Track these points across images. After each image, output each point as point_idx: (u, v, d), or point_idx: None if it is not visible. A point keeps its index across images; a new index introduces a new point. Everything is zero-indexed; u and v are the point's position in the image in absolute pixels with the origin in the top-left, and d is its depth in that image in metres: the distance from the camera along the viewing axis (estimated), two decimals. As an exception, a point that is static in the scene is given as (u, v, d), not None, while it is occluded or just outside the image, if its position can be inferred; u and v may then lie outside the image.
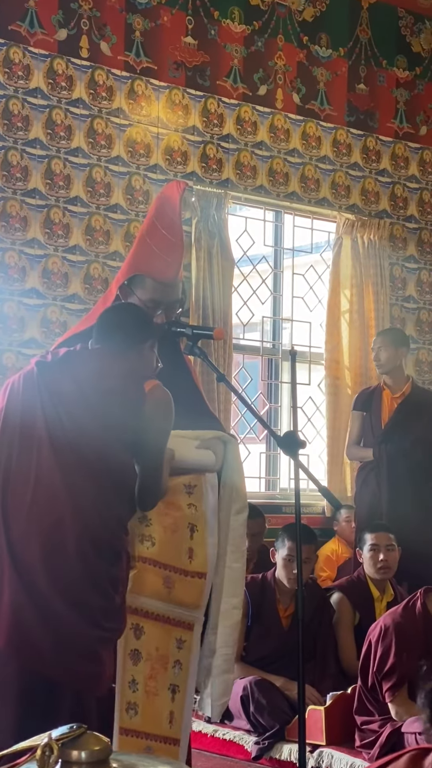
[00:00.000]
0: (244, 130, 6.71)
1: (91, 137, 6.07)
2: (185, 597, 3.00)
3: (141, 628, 2.91)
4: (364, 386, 6.36)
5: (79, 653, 2.63)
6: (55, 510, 2.67)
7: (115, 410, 2.74)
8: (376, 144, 7.34)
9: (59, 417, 2.74)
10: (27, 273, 5.79)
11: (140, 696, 2.87)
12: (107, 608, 2.71)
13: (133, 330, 2.88)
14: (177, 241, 3.07)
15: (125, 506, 2.80)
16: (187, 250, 6.34)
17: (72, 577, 2.65)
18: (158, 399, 2.78)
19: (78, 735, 1.63)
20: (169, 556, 2.98)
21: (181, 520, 3.02)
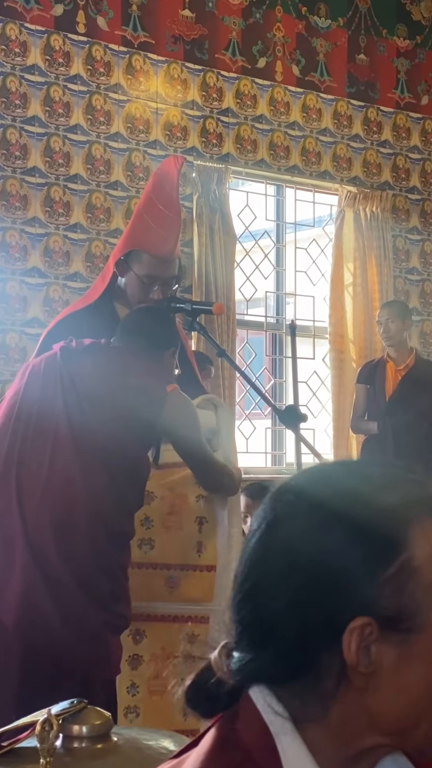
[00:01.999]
0: (244, 104, 6.66)
1: (90, 114, 6.04)
2: (193, 592, 2.98)
3: (141, 632, 2.92)
4: (368, 359, 6.34)
5: (87, 636, 2.64)
6: (69, 492, 2.68)
7: (136, 405, 2.76)
8: (377, 115, 7.28)
9: (80, 403, 2.75)
10: (28, 252, 5.77)
11: (141, 699, 2.88)
12: (117, 592, 2.72)
13: (158, 336, 2.91)
14: (174, 216, 3.05)
15: (136, 495, 2.82)
16: (189, 226, 6.32)
17: (83, 559, 2.65)
18: (178, 402, 2.82)
19: (79, 710, 1.64)
20: (173, 556, 2.98)
21: (188, 515, 3.01)
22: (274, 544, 0.99)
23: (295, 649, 0.97)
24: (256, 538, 1.01)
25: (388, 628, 0.95)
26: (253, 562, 1.00)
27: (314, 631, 0.96)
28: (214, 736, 1.01)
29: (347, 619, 0.95)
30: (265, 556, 1.00)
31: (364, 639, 0.95)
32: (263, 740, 0.97)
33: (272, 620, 0.98)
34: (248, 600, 1.00)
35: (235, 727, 0.99)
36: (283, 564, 0.98)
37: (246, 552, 1.02)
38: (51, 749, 1.42)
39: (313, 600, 0.96)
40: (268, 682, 0.99)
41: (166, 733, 1.82)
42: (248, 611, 1.00)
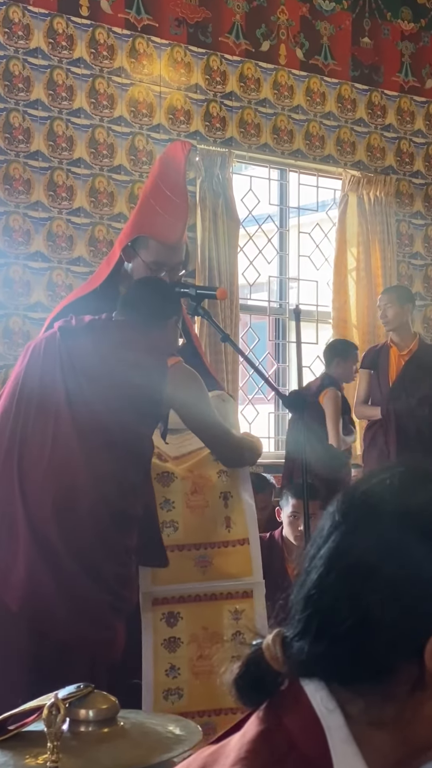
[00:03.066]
0: (248, 88, 6.63)
1: (93, 97, 6.02)
2: (229, 568, 2.97)
3: (176, 615, 2.89)
4: (371, 344, 6.33)
5: (92, 619, 2.64)
6: (71, 473, 2.67)
7: (137, 382, 2.74)
8: (381, 99, 7.25)
9: (79, 383, 2.74)
10: (31, 236, 5.77)
11: (185, 680, 2.86)
12: (121, 575, 2.71)
13: (159, 306, 2.88)
14: (181, 202, 3.04)
15: (140, 475, 2.80)
16: (192, 210, 6.30)
17: (86, 542, 2.65)
18: (181, 373, 2.79)
19: (85, 694, 1.65)
20: (201, 535, 2.96)
21: (212, 493, 3.00)
22: (363, 544, 0.97)
23: (377, 650, 0.95)
24: (340, 535, 0.99)
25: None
26: (334, 560, 0.98)
27: (401, 637, 0.95)
28: (259, 726, 0.99)
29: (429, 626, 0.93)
30: (352, 556, 0.98)
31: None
32: (313, 734, 0.96)
33: (354, 620, 0.96)
34: (325, 596, 0.98)
35: (281, 717, 0.98)
36: (374, 566, 0.96)
37: (326, 548, 0.99)
38: (58, 733, 1.43)
39: (403, 606, 0.94)
40: (335, 678, 0.98)
41: (172, 718, 1.83)
42: (326, 608, 0.98)
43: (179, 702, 2.86)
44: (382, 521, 0.97)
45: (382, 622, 0.95)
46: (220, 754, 1.01)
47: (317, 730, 0.96)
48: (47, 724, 1.43)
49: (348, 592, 0.96)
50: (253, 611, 2.95)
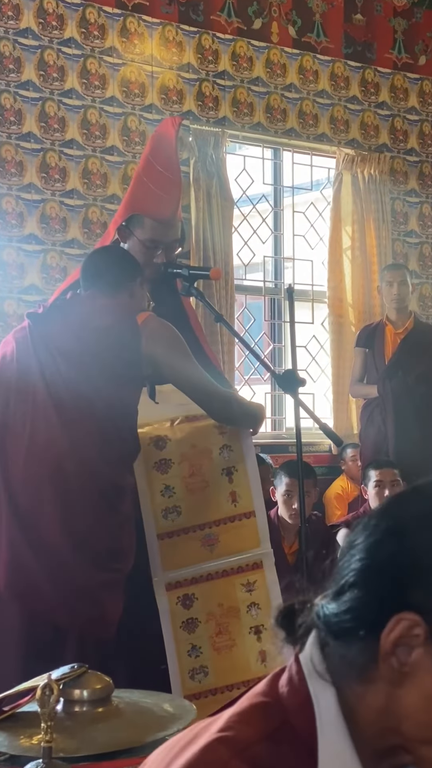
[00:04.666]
0: (240, 66, 6.60)
1: (85, 78, 5.98)
2: (237, 543, 2.97)
3: (191, 596, 2.90)
4: (367, 323, 6.32)
5: (80, 596, 2.64)
6: (54, 451, 2.67)
7: (110, 346, 2.72)
8: (375, 76, 7.22)
9: (54, 360, 2.73)
10: (25, 219, 5.74)
11: (207, 657, 2.88)
12: (114, 549, 2.71)
13: (120, 270, 2.84)
14: (174, 178, 3.03)
15: (128, 444, 2.79)
16: (186, 190, 6.28)
17: (73, 517, 2.65)
18: (154, 327, 2.75)
19: (79, 674, 1.65)
20: (204, 515, 2.96)
21: (212, 471, 2.99)
22: (393, 531, 1.05)
23: (364, 605, 1.01)
24: (377, 519, 1.07)
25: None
26: (366, 546, 1.05)
27: (382, 601, 1.00)
28: (255, 698, 1.03)
29: (405, 609, 0.99)
30: (377, 544, 1.05)
31: (407, 636, 0.98)
32: (304, 713, 1.00)
33: (358, 578, 1.03)
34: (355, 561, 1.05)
35: (279, 693, 1.02)
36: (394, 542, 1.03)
37: (365, 530, 1.06)
38: (52, 713, 1.43)
39: (395, 576, 1.01)
40: (330, 629, 1.03)
41: (166, 697, 1.84)
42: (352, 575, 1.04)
43: (206, 680, 2.89)
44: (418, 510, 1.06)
45: (379, 582, 1.02)
46: (212, 723, 1.04)
47: (309, 709, 1.00)
48: (41, 704, 1.43)
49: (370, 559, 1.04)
50: (265, 581, 2.97)
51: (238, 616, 2.94)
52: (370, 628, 1.00)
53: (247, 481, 3.01)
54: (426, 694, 0.99)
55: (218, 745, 0.98)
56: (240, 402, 2.97)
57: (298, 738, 0.99)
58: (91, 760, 1.52)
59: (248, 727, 1.00)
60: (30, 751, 1.52)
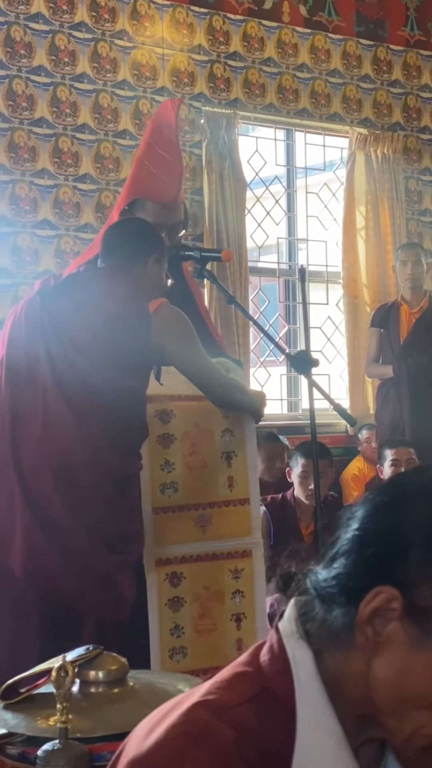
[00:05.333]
0: (251, 47, 6.57)
1: (96, 62, 5.97)
2: (229, 528, 3.00)
3: (179, 575, 2.92)
4: (382, 303, 6.31)
5: (95, 579, 2.66)
6: (65, 440, 2.68)
7: (119, 334, 2.71)
8: (387, 54, 7.17)
9: (63, 348, 2.73)
10: (38, 204, 5.75)
11: (188, 638, 2.90)
12: (124, 533, 2.73)
13: (137, 243, 2.83)
14: (175, 160, 3.03)
15: (136, 431, 2.80)
16: (198, 173, 6.27)
17: (85, 504, 2.67)
18: (165, 315, 2.74)
19: (95, 656, 1.67)
20: (200, 495, 2.98)
21: (211, 452, 3.00)
22: (387, 506, 1.07)
23: (350, 573, 1.04)
24: (372, 499, 1.09)
25: (411, 617, 1.00)
26: (361, 517, 1.08)
27: (366, 571, 1.03)
28: (237, 667, 1.06)
29: (385, 582, 1.01)
30: (370, 516, 1.07)
31: (384, 608, 1.01)
32: (283, 678, 1.03)
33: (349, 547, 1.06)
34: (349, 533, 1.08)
35: (260, 662, 1.05)
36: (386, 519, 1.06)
37: (365, 503, 1.09)
38: (67, 694, 1.45)
39: (381, 548, 1.03)
40: (318, 594, 1.06)
41: (181, 677, 1.85)
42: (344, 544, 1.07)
43: (184, 660, 2.91)
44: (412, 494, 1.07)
45: (368, 553, 1.04)
46: (195, 691, 1.07)
47: (287, 672, 1.03)
48: (56, 685, 1.45)
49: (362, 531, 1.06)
50: (252, 570, 2.99)
51: (223, 601, 2.96)
52: (352, 596, 1.02)
53: (245, 468, 3.03)
54: (396, 666, 1.01)
55: (199, 708, 1.01)
56: (243, 390, 2.98)
57: (278, 701, 1.02)
58: (106, 740, 1.53)
59: (229, 692, 1.03)
60: (46, 732, 1.54)
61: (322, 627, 1.05)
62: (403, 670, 1.00)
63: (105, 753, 1.51)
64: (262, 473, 5.13)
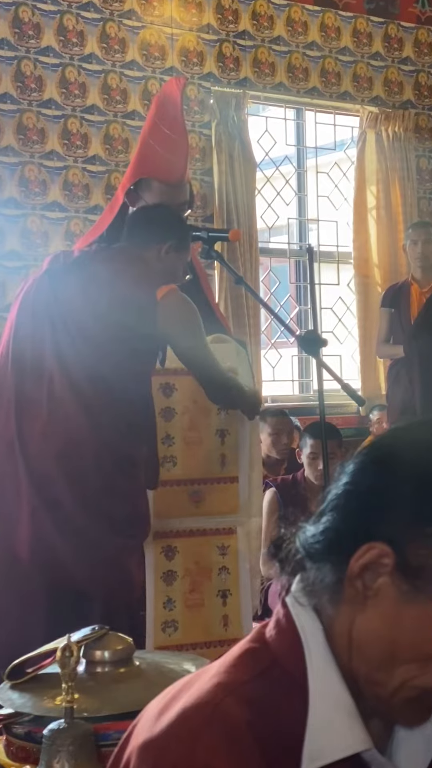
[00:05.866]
0: (261, 26, 6.52)
1: (104, 42, 5.94)
2: (219, 505, 3.02)
3: (173, 549, 2.95)
4: (393, 283, 6.27)
5: (102, 562, 2.67)
6: (70, 426, 2.68)
7: (125, 319, 2.71)
8: (398, 31, 7.10)
9: (69, 332, 2.73)
10: (48, 186, 5.74)
11: (179, 612, 2.93)
12: (131, 516, 2.74)
13: (152, 229, 2.82)
14: (181, 139, 3.01)
15: (141, 415, 2.80)
16: (208, 154, 6.25)
17: (91, 489, 2.67)
18: (172, 303, 2.73)
19: (101, 636, 1.67)
20: (197, 470, 3.00)
21: (208, 429, 3.02)
22: (378, 461, 1.06)
23: (339, 529, 1.04)
24: (365, 454, 1.08)
25: (402, 573, 1.00)
26: (351, 472, 1.07)
27: (357, 527, 1.02)
28: (245, 645, 1.06)
29: (376, 538, 1.00)
30: (361, 471, 1.06)
31: (375, 563, 1.00)
32: (294, 652, 1.03)
33: (339, 502, 1.05)
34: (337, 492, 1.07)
35: (268, 638, 1.05)
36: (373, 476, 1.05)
37: (357, 458, 1.08)
38: (72, 674, 1.45)
39: (373, 503, 1.02)
40: (307, 552, 1.05)
41: (188, 657, 1.86)
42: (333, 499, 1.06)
43: (175, 634, 2.95)
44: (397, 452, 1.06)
45: (355, 508, 1.04)
46: (205, 671, 1.07)
47: (298, 648, 1.03)
48: (61, 665, 1.45)
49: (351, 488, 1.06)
50: (237, 548, 3.01)
51: (210, 577, 2.99)
52: (342, 552, 1.02)
53: (236, 446, 3.04)
54: (385, 620, 1.01)
55: (209, 689, 1.01)
56: (240, 389, 2.95)
57: (288, 675, 1.01)
58: (113, 719, 1.53)
59: (238, 670, 1.02)
60: (53, 712, 1.54)
61: (315, 586, 1.04)
62: (392, 624, 1.00)
63: (111, 732, 1.52)
64: (269, 448, 5.16)
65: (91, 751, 1.47)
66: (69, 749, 1.45)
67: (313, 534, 1.05)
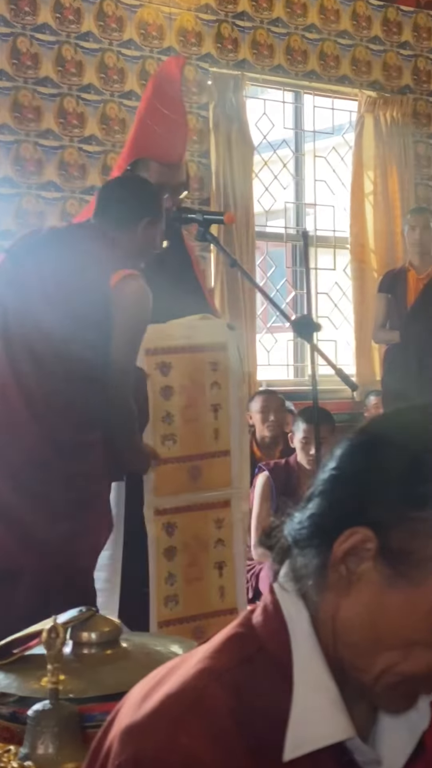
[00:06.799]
0: (259, 6, 6.47)
1: (101, 20, 5.89)
2: (215, 478, 3.06)
3: (173, 525, 2.97)
4: (390, 269, 6.26)
5: (46, 548, 2.62)
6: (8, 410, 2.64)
7: (77, 307, 2.63)
8: (397, 15, 7.05)
9: (18, 317, 2.67)
10: (43, 165, 5.70)
11: (180, 587, 2.96)
12: (74, 499, 2.68)
13: (132, 205, 2.75)
14: (180, 119, 2.99)
15: (94, 398, 2.70)
16: (206, 136, 6.21)
17: (25, 472, 2.63)
18: (126, 293, 2.64)
19: (87, 617, 1.66)
20: (194, 446, 3.02)
21: (203, 405, 3.04)
22: (364, 446, 1.06)
23: (324, 513, 1.04)
24: (351, 439, 1.08)
25: (385, 558, 1.00)
26: (338, 457, 1.07)
27: (341, 512, 1.02)
28: (232, 630, 1.06)
29: (360, 523, 1.00)
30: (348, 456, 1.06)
31: (359, 548, 1.00)
32: (279, 638, 1.02)
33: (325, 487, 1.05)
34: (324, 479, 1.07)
35: (254, 623, 1.05)
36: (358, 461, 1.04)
37: (344, 443, 1.08)
38: (58, 656, 1.44)
39: (357, 488, 1.02)
40: (293, 538, 1.05)
41: (175, 639, 1.85)
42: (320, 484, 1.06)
43: (176, 608, 2.97)
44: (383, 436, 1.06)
45: (338, 494, 1.04)
46: (190, 656, 1.06)
47: (284, 634, 1.03)
48: (47, 647, 1.44)
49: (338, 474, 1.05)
50: (231, 519, 3.04)
51: (207, 550, 3.02)
52: (326, 537, 1.02)
53: (228, 420, 3.08)
54: (368, 606, 1.00)
55: (195, 674, 1.01)
56: (132, 435, 2.79)
57: (273, 662, 1.01)
58: (98, 701, 1.53)
59: (223, 656, 1.02)
60: (38, 693, 1.53)
61: (300, 572, 1.04)
62: (375, 609, 1.00)
63: (96, 714, 1.51)
64: (260, 428, 5.19)
65: (75, 733, 1.46)
66: (54, 730, 1.44)
67: (300, 520, 1.05)
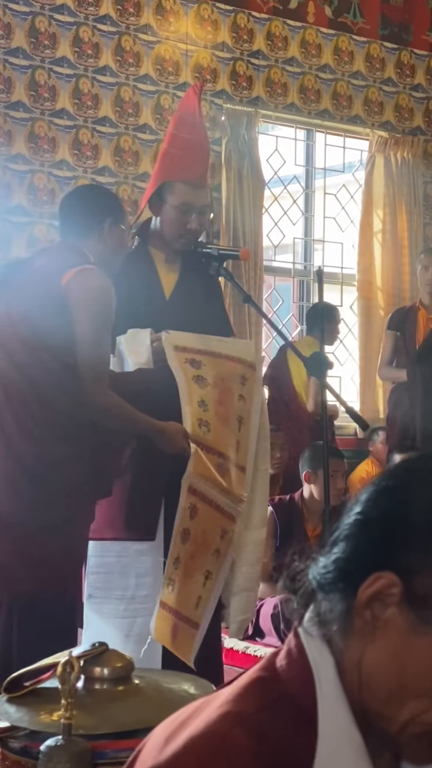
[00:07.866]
0: (275, 46, 6.55)
1: (119, 55, 5.96)
2: (234, 487, 3.02)
3: (196, 509, 2.92)
4: (396, 307, 6.28)
5: (14, 540, 2.63)
6: None
7: (39, 327, 2.61)
8: (411, 58, 7.14)
9: None
10: (56, 195, 5.74)
11: (180, 574, 2.92)
12: (53, 492, 2.65)
13: (90, 210, 2.75)
14: (201, 138, 3.03)
15: (60, 401, 2.67)
16: (217, 170, 6.26)
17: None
18: (80, 285, 2.60)
19: (100, 652, 1.66)
20: (222, 445, 3.01)
21: (232, 411, 3.04)
22: (390, 490, 1.06)
23: (349, 558, 1.03)
24: (376, 483, 1.08)
25: (410, 603, 0.99)
26: (363, 501, 1.06)
27: (366, 556, 1.02)
28: (255, 673, 1.05)
29: (385, 567, 1.00)
30: (373, 501, 1.06)
31: (384, 593, 0.99)
32: (304, 684, 1.01)
33: (350, 531, 1.05)
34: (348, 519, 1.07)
35: (278, 667, 1.03)
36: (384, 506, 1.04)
37: (369, 487, 1.08)
38: (72, 690, 1.44)
39: (383, 533, 1.02)
40: (318, 582, 1.05)
41: (187, 677, 1.85)
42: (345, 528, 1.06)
43: (171, 594, 2.90)
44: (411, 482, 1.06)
45: (367, 537, 1.03)
46: (214, 698, 1.06)
47: (308, 680, 1.02)
48: (61, 681, 1.45)
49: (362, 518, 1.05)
50: (233, 535, 3.00)
51: (205, 554, 2.98)
52: (352, 582, 1.01)
53: (248, 437, 3.06)
54: (393, 652, 1.00)
55: (219, 718, 1.00)
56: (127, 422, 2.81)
57: (297, 708, 1.00)
58: (110, 738, 1.53)
59: (247, 700, 1.02)
60: (50, 728, 1.53)
61: (325, 617, 1.03)
62: (400, 655, 0.99)
63: (108, 751, 1.51)
64: None
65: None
66: (66, 766, 1.44)
67: (325, 564, 1.05)
